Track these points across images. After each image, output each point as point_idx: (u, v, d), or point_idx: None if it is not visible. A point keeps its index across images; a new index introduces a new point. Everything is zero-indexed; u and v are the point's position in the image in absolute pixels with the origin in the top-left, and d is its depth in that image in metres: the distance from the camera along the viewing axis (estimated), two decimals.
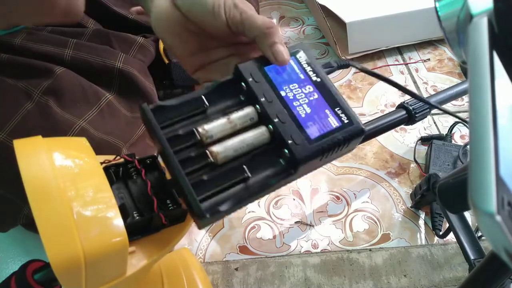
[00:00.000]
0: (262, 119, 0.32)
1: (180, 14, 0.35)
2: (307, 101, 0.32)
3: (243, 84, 0.32)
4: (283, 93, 0.32)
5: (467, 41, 0.19)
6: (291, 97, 0.32)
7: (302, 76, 0.33)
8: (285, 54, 0.33)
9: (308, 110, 0.32)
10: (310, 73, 0.34)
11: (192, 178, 0.28)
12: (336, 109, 0.32)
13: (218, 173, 0.29)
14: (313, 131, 0.31)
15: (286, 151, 0.30)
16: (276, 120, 0.31)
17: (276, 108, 0.31)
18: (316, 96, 0.33)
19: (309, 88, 0.33)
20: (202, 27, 0.35)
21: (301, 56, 0.34)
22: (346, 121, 0.32)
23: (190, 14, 0.34)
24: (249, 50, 0.37)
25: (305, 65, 0.34)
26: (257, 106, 0.32)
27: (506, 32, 0.19)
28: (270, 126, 0.31)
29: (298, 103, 0.32)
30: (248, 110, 0.32)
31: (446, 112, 0.47)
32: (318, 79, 0.33)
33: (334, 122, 0.32)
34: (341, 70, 0.77)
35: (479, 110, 0.16)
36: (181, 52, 0.37)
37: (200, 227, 0.29)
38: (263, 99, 0.31)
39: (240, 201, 0.29)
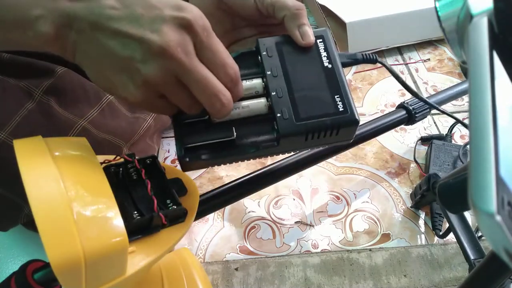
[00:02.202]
0: (266, 92, 0.34)
1: None
2: (310, 83, 0.34)
3: (259, 57, 0.35)
4: (290, 71, 0.34)
5: (467, 41, 0.19)
6: (296, 76, 0.34)
7: (314, 60, 0.35)
8: (312, 36, 0.35)
9: (308, 91, 0.33)
10: (324, 58, 0.35)
11: (187, 128, 0.33)
12: (335, 96, 0.34)
13: (211, 129, 0.33)
14: (305, 111, 0.33)
15: (275, 123, 0.33)
16: (273, 93, 0.33)
17: (278, 83, 0.33)
18: (321, 80, 0.34)
19: (317, 72, 0.34)
20: (233, 8, 0.37)
21: (321, 41, 0.36)
22: (341, 109, 0.33)
23: None
24: (278, 30, 0.38)
25: (321, 51, 0.35)
26: (264, 79, 0.34)
27: (506, 32, 0.19)
28: (269, 99, 0.33)
29: (301, 83, 0.34)
30: (255, 82, 0.34)
31: (445, 113, 0.47)
32: (329, 65, 0.35)
33: (328, 107, 0.33)
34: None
35: (479, 110, 0.16)
36: (214, 30, 0.38)
37: (183, 170, 0.34)
38: (269, 73, 0.34)
39: (222, 157, 0.33)
